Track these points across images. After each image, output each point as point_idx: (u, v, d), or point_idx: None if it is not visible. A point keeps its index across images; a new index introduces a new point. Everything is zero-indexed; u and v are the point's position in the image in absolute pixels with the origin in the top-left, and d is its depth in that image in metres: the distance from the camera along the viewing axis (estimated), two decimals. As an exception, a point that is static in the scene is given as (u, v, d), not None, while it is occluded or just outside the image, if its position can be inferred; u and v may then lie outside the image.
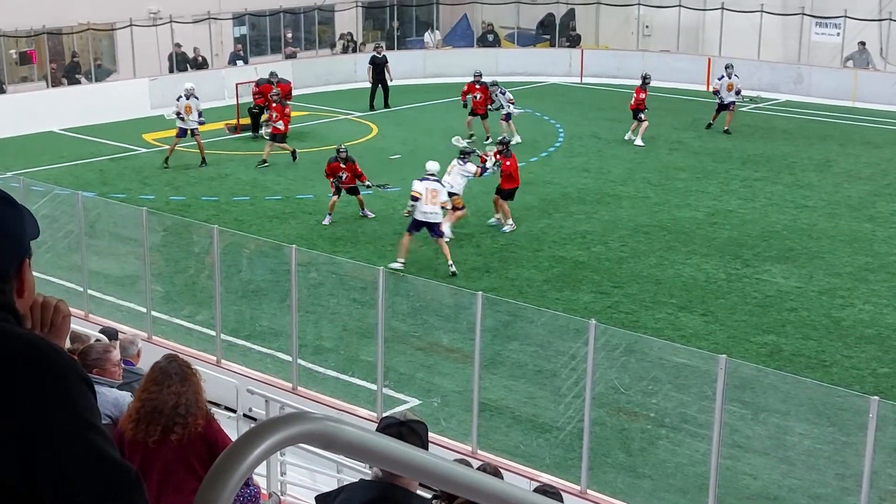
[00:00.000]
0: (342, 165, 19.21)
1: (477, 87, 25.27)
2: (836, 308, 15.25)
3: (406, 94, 29.92)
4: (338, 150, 19.42)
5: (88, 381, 2.06)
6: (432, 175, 17.00)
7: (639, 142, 24.80)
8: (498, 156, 18.95)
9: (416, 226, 16.82)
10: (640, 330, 13.96)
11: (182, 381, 5.78)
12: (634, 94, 25.18)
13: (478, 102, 25.22)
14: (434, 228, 16.78)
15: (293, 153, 23.39)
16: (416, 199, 16.61)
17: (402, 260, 16.65)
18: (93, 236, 16.64)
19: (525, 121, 26.94)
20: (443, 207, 16.98)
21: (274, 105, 23.69)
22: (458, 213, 18.30)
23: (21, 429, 1.93)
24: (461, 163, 18.45)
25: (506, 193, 18.77)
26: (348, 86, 32.32)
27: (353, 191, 19.39)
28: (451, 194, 17.55)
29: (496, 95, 25.14)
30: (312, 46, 34.27)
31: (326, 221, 19.05)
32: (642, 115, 24.90)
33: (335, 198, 19.21)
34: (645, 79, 25.52)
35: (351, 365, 13.73)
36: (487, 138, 24.38)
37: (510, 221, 18.66)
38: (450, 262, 16.50)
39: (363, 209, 19.43)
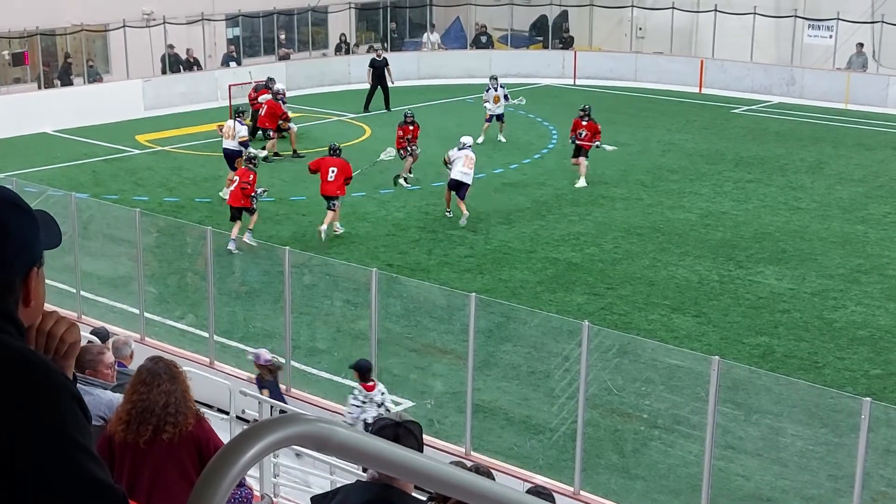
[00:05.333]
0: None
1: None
2: (828, 309, 15.28)
3: (400, 96, 29.89)
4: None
5: (80, 400, 2.01)
6: (465, 146, 19.56)
7: (581, 182, 21.54)
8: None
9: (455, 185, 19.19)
10: (633, 331, 13.97)
11: (171, 380, 5.76)
12: (585, 128, 21.88)
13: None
14: (464, 189, 19.21)
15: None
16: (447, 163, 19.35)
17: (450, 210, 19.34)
18: (86, 237, 16.62)
19: (519, 122, 26.98)
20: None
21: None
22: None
23: (6, 445, 1.89)
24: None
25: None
26: (342, 87, 32.32)
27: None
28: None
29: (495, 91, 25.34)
30: (306, 48, 34.26)
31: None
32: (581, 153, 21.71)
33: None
34: (583, 110, 22.40)
35: (344, 367, 13.71)
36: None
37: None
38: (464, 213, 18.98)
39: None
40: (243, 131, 21.09)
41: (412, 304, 14.97)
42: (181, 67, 30.77)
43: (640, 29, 35.34)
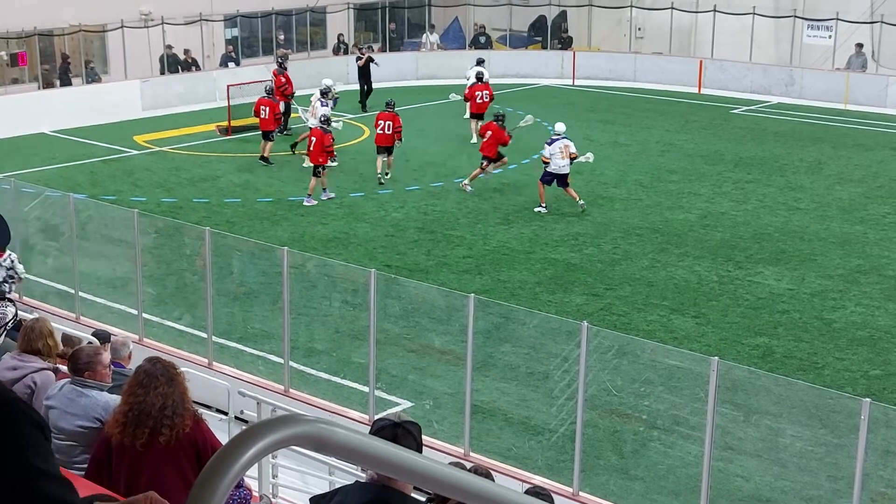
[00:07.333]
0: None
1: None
2: (827, 310, 15.27)
3: (399, 96, 29.87)
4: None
5: (41, 425, 1.96)
6: (559, 135, 19.92)
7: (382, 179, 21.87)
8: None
9: (550, 178, 19.77)
10: (632, 332, 13.96)
11: (168, 381, 5.73)
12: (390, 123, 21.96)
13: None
14: (563, 179, 19.83)
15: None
16: (546, 162, 19.76)
17: (545, 205, 19.90)
18: (84, 238, 16.59)
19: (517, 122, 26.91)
20: (572, 159, 19.79)
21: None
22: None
23: None
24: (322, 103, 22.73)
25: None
26: (340, 88, 32.26)
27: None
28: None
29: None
30: (304, 48, 34.25)
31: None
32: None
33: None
34: (389, 104, 22.60)
35: (343, 367, 13.71)
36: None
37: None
38: (578, 200, 19.78)
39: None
40: (323, 111, 22.60)
41: (411, 304, 14.94)
42: (179, 68, 30.76)
43: (640, 29, 35.35)
